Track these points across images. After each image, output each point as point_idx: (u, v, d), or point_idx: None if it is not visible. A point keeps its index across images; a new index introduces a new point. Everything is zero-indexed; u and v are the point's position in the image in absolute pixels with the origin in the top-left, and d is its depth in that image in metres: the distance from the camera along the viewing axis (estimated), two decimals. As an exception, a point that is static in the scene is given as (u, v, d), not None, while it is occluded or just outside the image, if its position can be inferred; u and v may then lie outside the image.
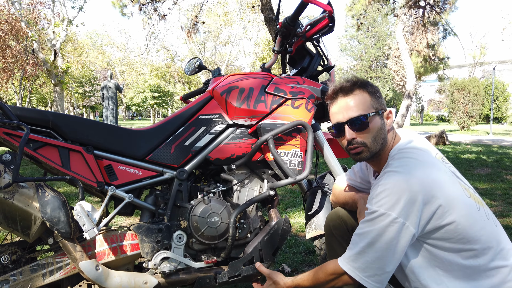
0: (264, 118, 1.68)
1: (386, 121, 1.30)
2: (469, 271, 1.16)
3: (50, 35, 15.49)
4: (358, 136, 1.26)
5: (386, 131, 1.29)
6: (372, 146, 1.26)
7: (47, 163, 1.46)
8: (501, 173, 5.94)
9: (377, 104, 1.27)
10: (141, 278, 1.48)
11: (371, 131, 1.25)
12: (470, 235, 1.13)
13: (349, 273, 1.19)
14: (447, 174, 1.18)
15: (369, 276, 1.16)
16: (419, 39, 16.18)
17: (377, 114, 1.26)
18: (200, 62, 2.24)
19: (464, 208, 1.13)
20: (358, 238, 1.19)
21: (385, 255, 1.14)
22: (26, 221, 1.34)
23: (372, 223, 1.15)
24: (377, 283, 1.17)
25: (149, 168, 1.62)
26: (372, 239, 1.14)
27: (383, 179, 1.17)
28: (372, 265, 1.15)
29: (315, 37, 1.87)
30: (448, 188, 1.13)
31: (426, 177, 1.12)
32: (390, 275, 1.18)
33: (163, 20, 13.16)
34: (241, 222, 1.65)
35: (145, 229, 1.52)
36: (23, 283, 1.39)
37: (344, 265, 1.20)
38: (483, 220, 1.17)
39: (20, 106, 1.50)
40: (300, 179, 1.63)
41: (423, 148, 1.26)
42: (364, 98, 1.26)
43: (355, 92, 1.27)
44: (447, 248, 1.15)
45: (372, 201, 1.17)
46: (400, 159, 1.21)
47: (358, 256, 1.17)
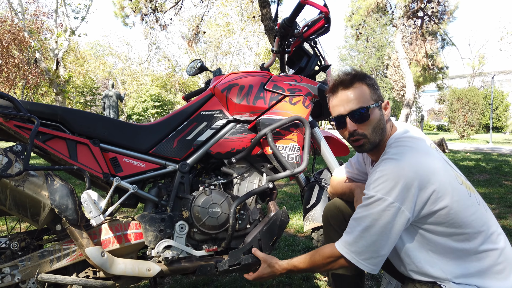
0: (263, 113, 1.75)
1: (384, 112, 1.36)
2: (461, 253, 1.21)
3: (52, 45, 15.68)
4: (359, 128, 1.31)
5: (385, 121, 1.35)
6: (372, 137, 1.32)
7: (56, 154, 1.52)
8: (499, 179, 5.99)
9: (375, 96, 1.33)
10: (144, 265, 1.54)
11: (371, 123, 1.31)
12: (461, 220, 1.19)
13: (346, 256, 1.24)
14: (441, 162, 1.24)
15: (365, 259, 1.22)
16: (418, 48, 16.35)
17: (376, 106, 1.32)
18: (201, 64, 2.32)
19: (456, 194, 1.19)
20: (355, 222, 1.24)
21: (380, 239, 1.20)
22: (35, 208, 1.41)
23: (369, 208, 1.21)
24: (372, 266, 1.22)
25: (152, 161, 1.68)
26: (368, 223, 1.20)
27: (381, 165, 1.23)
28: (368, 248, 1.21)
29: (312, 38, 1.96)
30: (442, 175, 1.19)
31: (421, 164, 1.18)
32: (385, 258, 1.23)
33: (165, 30, 13.35)
34: (241, 213, 1.71)
35: (148, 219, 1.58)
36: (32, 268, 1.45)
37: (341, 249, 1.26)
38: (474, 206, 1.23)
39: (30, 101, 1.57)
40: (297, 171, 1.69)
41: (419, 137, 1.33)
42: (363, 91, 1.32)
43: (355, 85, 1.32)
44: (440, 232, 1.21)
45: (369, 187, 1.23)
46: (397, 147, 1.27)
47: (355, 239, 1.22)
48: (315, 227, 1.93)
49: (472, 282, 1.20)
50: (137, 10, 12.26)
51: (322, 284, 2.30)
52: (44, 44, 16.27)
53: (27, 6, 16.89)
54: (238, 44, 24.78)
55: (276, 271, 1.45)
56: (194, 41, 15.21)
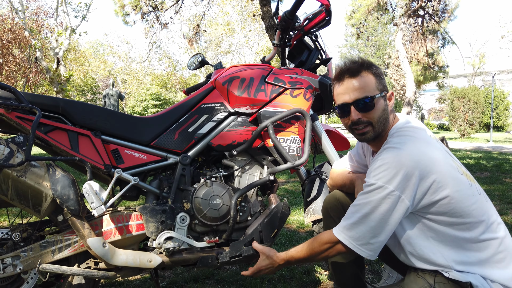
0: (264, 106, 1.76)
1: (389, 102, 1.36)
2: (462, 242, 1.22)
3: (53, 43, 15.68)
4: (364, 116, 1.31)
5: (389, 112, 1.35)
6: (376, 126, 1.32)
7: (57, 146, 1.53)
8: (500, 177, 5.99)
9: (381, 86, 1.33)
10: (145, 256, 1.54)
11: (376, 112, 1.31)
12: (462, 209, 1.20)
13: (343, 241, 1.25)
14: (442, 152, 1.25)
15: (362, 244, 1.22)
16: (418, 47, 16.33)
17: (381, 96, 1.32)
18: (202, 58, 2.32)
19: (457, 183, 1.20)
20: (354, 209, 1.25)
21: (379, 226, 1.20)
22: (37, 198, 1.41)
23: (369, 195, 1.21)
24: (369, 251, 1.23)
25: (153, 153, 1.69)
26: (368, 210, 1.20)
27: (382, 154, 1.24)
28: (366, 234, 1.21)
29: (313, 31, 1.96)
30: (443, 164, 1.20)
31: (422, 154, 1.19)
32: (382, 244, 1.24)
33: (165, 29, 13.34)
34: (242, 205, 1.71)
35: (150, 210, 1.58)
36: (33, 258, 1.45)
37: (338, 234, 1.26)
38: (474, 196, 1.24)
39: (32, 93, 1.57)
40: (298, 164, 1.69)
41: (420, 127, 1.34)
42: (369, 80, 1.31)
43: (362, 74, 1.31)
44: (441, 221, 1.22)
45: (370, 175, 1.23)
46: (398, 137, 1.28)
47: (353, 225, 1.23)
48: (316, 220, 1.93)
49: (474, 270, 1.20)
50: (138, 9, 12.26)
51: (323, 278, 2.30)
52: (44, 43, 16.27)
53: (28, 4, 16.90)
54: (239, 43, 24.78)
55: (274, 262, 1.45)
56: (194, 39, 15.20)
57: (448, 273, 1.21)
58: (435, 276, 1.23)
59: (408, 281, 1.29)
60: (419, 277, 1.26)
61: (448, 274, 1.21)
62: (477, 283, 1.18)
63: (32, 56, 16.19)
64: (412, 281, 1.28)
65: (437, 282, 1.22)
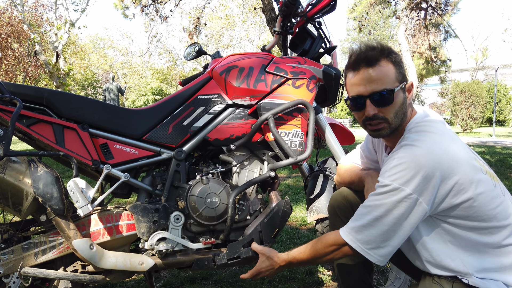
0: (264, 97, 1.64)
1: (408, 94, 1.21)
2: (483, 247, 1.11)
3: (52, 37, 15.53)
4: (380, 111, 1.17)
5: (407, 106, 1.20)
6: (393, 121, 1.18)
7: (41, 139, 1.42)
8: (505, 171, 5.89)
9: (401, 76, 1.18)
10: (137, 259, 1.43)
11: (394, 107, 1.16)
12: (485, 213, 1.09)
13: (351, 244, 1.14)
14: (465, 149, 1.13)
15: (372, 248, 1.12)
16: (421, 41, 16.17)
17: (401, 88, 1.17)
18: (199, 47, 2.20)
19: (481, 185, 1.08)
20: (365, 210, 1.14)
21: (392, 230, 1.09)
22: (17, 196, 1.30)
23: (382, 197, 1.10)
24: (380, 257, 1.12)
25: (146, 147, 1.58)
26: (381, 213, 1.09)
27: (399, 152, 1.11)
28: (377, 238, 1.11)
29: (316, 17, 1.83)
30: (466, 164, 1.08)
31: (445, 153, 1.07)
32: (394, 250, 1.13)
33: (165, 22, 13.19)
34: (241, 204, 1.60)
35: (141, 209, 1.47)
36: (15, 261, 1.35)
37: (346, 236, 1.16)
38: (499, 197, 1.12)
39: (14, 83, 1.46)
40: (301, 159, 1.58)
41: (440, 121, 1.21)
42: (389, 70, 1.16)
43: (381, 63, 1.16)
44: (461, 225, 1.11)
45: (385, 174, 1.11)
46: (417, 133, 1.15)
47: (363, 228, 1.12)
48: (320, 219, 1.82)
49: (496, 277, 1.09)
50: (137, 1, 12.10)
51: (326, 279, 2.20)
52: (43, 36, 16.13)
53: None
54: (239, 36, 24.58)
55: (275, 264, 1.35)
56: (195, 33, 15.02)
57: (468, 280, 1.10)
58: (453, 283, 1.12)
59: (423, 287, 1.18)
60: (435, 283, 1.15)
61: (468, 281, 1.10)
62: None
63: (31, 50, 16.04)
64: (426, 287, 1.17)
65: None
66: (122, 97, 24.34)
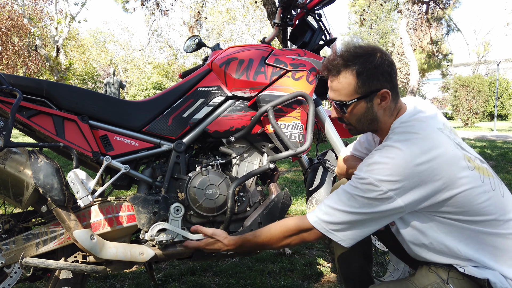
0: (264, 89, 1.64)
1: (379, 101, 1.19)
2: (476, 238, 1.12)
3: (52, 31, 15.49)
4: (343, 116, 1.25)
5: (376, 112, 1.21)
6: (358, 126, 1.25)
7: (41, 131, 1.42)
8: (505, 165, 5.89)
9: (364, 87, 1.17)
10: (137, 250, 1.44)
11: (353, 116, 1.22)
12: (471, 208, 1.09)
13: (316, 226, 1.17)
14: (451, 147, 1.11)
15: (336, 230, 1.14)
16: (422, 35, 16.09)
17: (362, 99, 1.18)
18: (199, 40, 2.19)
19: (466, 182, 1.08)
20: (337, 197, 1.16)
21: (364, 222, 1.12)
22: (18, 187, 1.31)
23: (357, 190, 1.11)
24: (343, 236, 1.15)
25: (145, 139, 1.58)
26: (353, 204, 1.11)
27: (381, 151, 1.12)
28: (344, 224, 1.13)
29: (316, 9, 1.83)
30: (450, 165, 1.07)
31: (425, 155, 1.06)
32: (361, 238, 1.16)
33: (166, 16, 13.13)
34: (240, 195, 1.61)
35: (141, 200, 1.48)
36: (16, 252, 1.36)
37: (311, 218, 1.18)
38: (487, 192, 1.11)
39: (14, 74, 1.46)
40: (300, 151, 1.59)
41: (428, 120, 1.19)
42: (348, 82, 1.17)
43: (341, 74, 1.18)
44: (451, 218, 1.11)
45: (363, 168, 1.12)
46: (400, 134, 1.14)
47: (333, 212, 1.14)
48: (319, 211, 1.82)
49: (491, 266, 1.10)
50: (137, -5, 12.03)
51: (326, 270, 2.21)
52: (44, 30, 16.08)
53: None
54: (240, 30, 24.48)
55: (221, 245, 1.34)
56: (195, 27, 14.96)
57: (463, 269, 1.11)
58: (449, 271, 1.13)
59: (419, 276, 1.18)
60: (431, 272, 1.16)
61: (463, 270, 1.10)
62: (496, 280, 1.08)
63: (31, 44, 16.01)
64: (423, 276, 1.17)
65: (450, 277, 1.12)
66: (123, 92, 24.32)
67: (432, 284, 1.13)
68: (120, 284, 2.06)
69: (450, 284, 1.10)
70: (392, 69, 1.18)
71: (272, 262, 2.35)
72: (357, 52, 1.18)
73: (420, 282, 1.16)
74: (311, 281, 2.10)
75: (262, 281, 2.05)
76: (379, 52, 1.18)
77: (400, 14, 14.56)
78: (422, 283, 1.14)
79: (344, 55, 1.19)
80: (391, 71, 1.18)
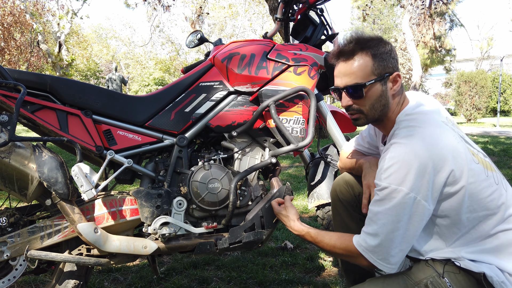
0: (265, 84, 1.65)
1: (391, 85, 1.21)
2: (474, 235, 1.13)
3: (54, 27, 15.49)
4: (355, 103, 1.22)
5: (389, 97, 1.21)
6: (369, 113, 1.23)
7: (45, 125, 1.43)
8: (507, 161, 5.88)
9: (380, 69, 1.18)
10: (140, 243, 1.46)
11: (368, 100, 1.20)
12: (476, 202, 1.10)
13: (365, 255, 1.15)
14: (456, 140, 1.13)
15: (383, 259, 1.13)
16: (425, 30, 16.02)
17: (378, 81, 1.18)
18: (201, 35, 2.20)
19: (472, 175, 1.09)
20: (370, 221, 1.15)
21: (400, 234, 1.10)
22: (22, 181, 1.33)
23: (384, 202, 1.10)
24: (391, 265, 1.13)
25: (148, 134, 1.59)
26: (387, 219, 1.10)
27: (390, 151, 1.13)
28: (386, 246, 1.11)
29: (318, 4, 1.83)
30: (457, 154, 1.09)
31: (434, 145, 1.08)
32: (405, 253, 1.14)
33: (168, 12, 13.12)
34: (242, 190, 1.62)
35: (144, 194, 1.50)
36: (21, 245, 1.38)
37: (359, 247, 1.17)
38: (491, 186, 1.13)
39: (18, 69, 1.48)
40: (302, 145, 1.59)
41: (431, 111, 1.21)
42: (364, 64, 1.18)
43: (356, 57, 1.19)
44: (451, 215, 1.12)
45: (381, 177, 1.12)
46: (406, 128, 1.16)
47: (374, 237, 1.13)
48: (320, 205, 1.84)
49: (488, 260, 1.11)
50: (139, -10, 12.02)
51: (327, 264, 2.23)
52: (46, 26, 16.09)
53: (28, -13, 16.64)
54: (242, 26, 24.42)
55: (288, 224, 1.44)
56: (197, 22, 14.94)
57: (459, 263, 1.12)
58: (445, 265, 1.14)
59: (416, 270, 1.20)
60: (428, 266, 1.17)
61: (459, 264, 1.12)
62: (492, 274, 1.09)
63: (34, 40, 16.03)
64: (420, 269, 1.18)
65: (446, 271, 1.13)
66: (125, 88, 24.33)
67: (428, 278, 1.14)
68: (123, 277, 2.08)
69: (445, 278, 1.12)
70: (397, 57, 1.22)
71: (273, 256, 2.37)
72: (370, 36, 1.21)
73: (416, 276, 1.17)
74: (312, 275, 2.12)
75: (264, 275, 2.07)
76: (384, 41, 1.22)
77: (403, 9, 14.49)
78: (418, 277, 1.16)
79: (359, 39, 1.21)
80: (397, 58, 1.22)
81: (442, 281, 1.12)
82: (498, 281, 1.08)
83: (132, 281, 2.03)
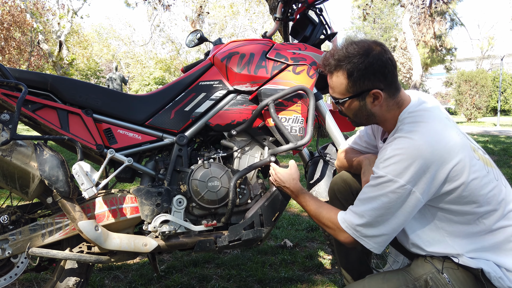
0: (265, 83, 1.66)
1: (371, 100, 1.20)
2: (474, 231, 1.15)
3: (55, 27, 15.50)
4: (342, 109, 1.29)
5: (370, 110, 1.23)
6: (356, 119, 1.30)
7: (46, 124, 1.45)
8: (507, 160, 5.89)
9: (355, 87, 1.19)
10: (140, 240, 1.48)
11: (349, 111, 1.27)
12: (477, 198, 1.11)
13: (347, 230, 1.18)
14: (459, 136, 1.15)
15: (366, 236, 1.15)
16: (426, 29, 16.02)
17: (354, 98, 1.21)
18: (201, 34, 2.21)
19: (473, 171, 1.11)
20: (360, 203, 1.17)
21: (388, 220, 1.13)
22: (24, 179, 1.34)
23: (377, 188, 1.13)
24: (375, 244, 1.16)
25: (148, 132, 1.61)
26: (377, 205, 1.12)
27: (393, 144, 1.14)
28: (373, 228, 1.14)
29: (317, 3, 1.84)
30: (460, 151, 1.10)
31: (438, 142, 1.09)
32: (390, 239, 1.17)
33: (168, 11, 13.13)
34: (242, 188, 1.64)
35: (144, 192, 1.51)
36: (23, 242, 1.39)
37: (342, 222, 1.20)
38: (491, 182, 1.15)
39: (19, 69, 1.49)
40: (301, 144, 1.61)
41: (434, 109, 1.22)
42: (339, 82, 1.21)
43: (335, 73, 1.22)
44: (452, 210, 1.13)
45: (379, 165, 1.14)
46: (410, 124, 1.17)
47: (359, 217, 1.16)
48: (319, 203, 1.85)
49: (486, 256, 1.13)
50: (139, -10, 12.03)
51: (326, 263, 2.24)
52: (46, 26, 16.10)
53: (28, -13, 16.65)
54: (243, 25, 24.42)
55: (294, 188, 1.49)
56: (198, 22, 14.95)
57: (458, 259, 1.13)
58: (444, 262, 1.15)
59: (415, 266, 1.21)
60: (427, 262, 1.19)
61: (458, 260, 1.13)
62: (489, 269, 1.11)
63: (34, 39, 16.04)
64: (419, 266, 1.20)
65: (445, 267, 1.15)
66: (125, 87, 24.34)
67: (427, 274, 1.15)
68: (124, 275, 2.09)
69: (444, 273, 1.13)
70: (387, 68, 1.17)
71: (273, 254, 2.38)
72: (349, 52, 1.18)
73: (415, 271, 1.19)
74: (311, 272, 2.13)
75: (263, 273, 2.09)
76: (374, 50, 1.17)
77: (403, 8, 14.49)
78: (418, 273, 1.17)
79: (336, 55, 1.21)
80: (385, 70, 1.17)
81: (441, 277, 1.13)
82: (496, 277, 1.10)
83: (133, 279, 2.04)
